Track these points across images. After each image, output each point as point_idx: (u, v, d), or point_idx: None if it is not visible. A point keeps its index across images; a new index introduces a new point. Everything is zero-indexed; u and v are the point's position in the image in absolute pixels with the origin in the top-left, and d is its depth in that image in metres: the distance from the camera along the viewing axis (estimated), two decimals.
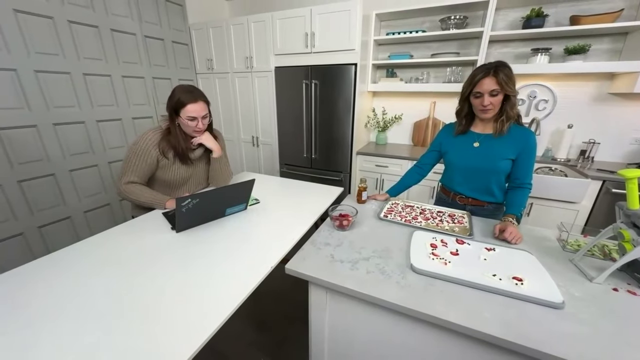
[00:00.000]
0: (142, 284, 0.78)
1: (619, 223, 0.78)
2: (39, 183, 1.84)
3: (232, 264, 0.87)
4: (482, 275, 0.77)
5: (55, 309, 0.69)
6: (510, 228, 0.98)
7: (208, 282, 0.79)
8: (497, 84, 1.02)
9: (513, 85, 1.04)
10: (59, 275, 0.81)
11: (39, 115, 1.78)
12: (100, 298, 0.73)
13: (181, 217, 0.99)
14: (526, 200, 1.08)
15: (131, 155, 1.20)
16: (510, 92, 1.03)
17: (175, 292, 0.75)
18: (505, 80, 1.02)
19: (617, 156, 2.05)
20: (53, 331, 0.63)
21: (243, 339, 1.48)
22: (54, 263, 0.87)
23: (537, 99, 2.17)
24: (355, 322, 0.84)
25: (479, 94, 1.07)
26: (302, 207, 1.31)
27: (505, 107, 1.07)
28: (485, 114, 1.09)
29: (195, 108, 1.19)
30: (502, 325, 0.64)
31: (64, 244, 0.97)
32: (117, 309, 0.69)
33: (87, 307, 0.70)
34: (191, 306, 0.70)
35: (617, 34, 1.86)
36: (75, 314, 0.67)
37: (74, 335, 0.62)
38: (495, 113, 1.09)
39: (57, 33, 1.81)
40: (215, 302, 0.72)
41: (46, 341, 0.60)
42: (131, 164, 1.20)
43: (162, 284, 0.78)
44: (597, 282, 0.77)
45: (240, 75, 2.69)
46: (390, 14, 2.28)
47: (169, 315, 0.67)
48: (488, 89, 1.04)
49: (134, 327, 0.64)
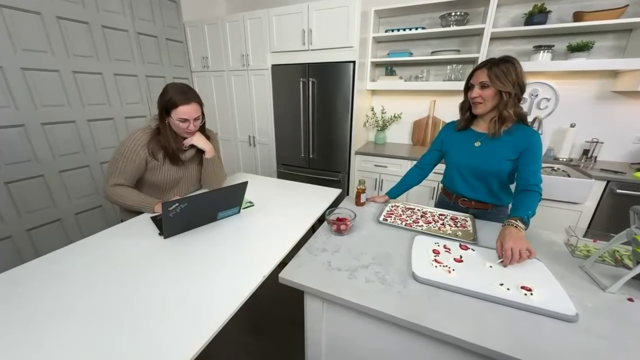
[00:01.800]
0: (128, 293, 0.73)
1: (633, 228, 0.74)
2: (28, 184, 1.78)
3: (224, 271, 0.82)
4: (489, 285, 0.73)
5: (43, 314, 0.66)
6: (509, 243, 0.80)
7: (198, 290, 0.74)
8: (487, 76, 0.98)
9: (509, 82, 0.97)
10: (46, 280, 0.77)
11: (27, 115, 1.72)
12: (84, 306, 0.67)
13: (168, 223, 0.94)
14: (535, 205, 0.97)
15: (118, 156, 1.14)
16: (501, 87, 0.97)
17: (163, 301, 0.70)
18: (497, 74, 0.97)
19: (621, 156, 2.01)
20: (42, 336, 0.58)
21: (239, 344, 1.43)
22: (43, 266, 0.83)
23: (539, 98, 2.13)
24: (354, 334, 0.79)
25: (471, 85, 1.05)
26: (299, 210, 1.25)
27: (499, 106, 1.01)
28: (475, 108, 1.06)
29: (188, 110, 1.14)
30: (512, 341, 0.59)
31: (54, 247, 0.92)
32: (101, 319, 0.64)
33: (73, 313, 0.66)
34: (181, 316, 0.66)
35: (621, 31, 1.82)
36: (63, 319, 0.63)
37: (64, 339, 0.57)
38: (488, 109, 1.04)
39: (45, 29, 1.75)
40: (207, 311, 0.67)
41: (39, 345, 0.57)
42: (118, 165, 1.14)
43: (149, 293, 0.73)
44: (611, 292, 0.72)
45: (236, 74, 2.63)
46: (390, 11, 2.23)
47: (158, 325, 0.63)
48: (477, 81, 1.02)
49: (120, 339, 0.59)
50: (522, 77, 0.98)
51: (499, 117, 1.02)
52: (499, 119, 1.02)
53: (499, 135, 1.04)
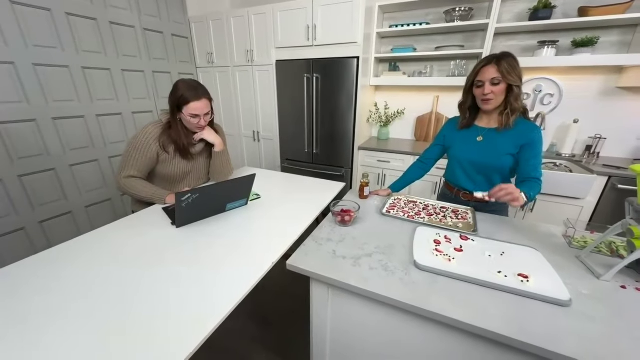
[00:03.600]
0: (143, 279, 0.77)
1: (628, 219, 0.76)
2: (40, 178, 1.83)
3: (233, 259, 0.86)
4: (487, 272, 0.76)
5: (56, 304, 0.68)
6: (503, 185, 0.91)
7: (209, 277, 0.78)
8: (499, 72, 1.00)
9: (517, 76, 1.01)
10: (60, 270, 0.80)
11: (38, 109, 1.77)
12: (101, 293, 0.72)
13: (181, 212, 0.98)
14: (536, 191, 1.01)
15: (131, 149, 1.18)
16: (513, 82, 1.00)
17: (176, 287, 0.74)
18: (507, 69, 0.99)
19: (624, 152, 2.02)
20: (54, 326, 0.62)
21: (246, 335, 1.48)
22: (54, 258, 0.86)
23: (543, 93, 2.13)
24: (358, 319, 0.83)
25: (480, 82, 1.06)
26: (304, 202, 1.29)
27: (509, 99, 1.04)
28: (486, 105, 1.07)
29: (199, 106, 1.17)
30: (508, 323, 0.62)
31: (66, 238, 0.96)
32: (117, 302, 0.68)
33: (88, 301, 0.69)
34: (193, 301, 0.70)
35: (626, 26, 1.81)
36: (77, 309, 0.67)
37: (77, 331, 0.61)
38: (498, 104, 1.07)
39: (55, 26, 1.79)
40: (218, 297, 0.71)
41: (49, 336, 0.60)
42: (131, 158, 1.18)
43: (164, 279, 0.77)
44: (605, 280, 0.75)
45: (241, 69, 2.65)
46: (394, 6, 2.24)
47: (170, 310, 0.67)
48: (489, 77, 1.02)
49: (136, 321, 0.63)
50: (521, 70, 1.03)
51: (511, 110, 1.05)
52: (511, 111, 1.05)
53: (510, 126, 1.07)
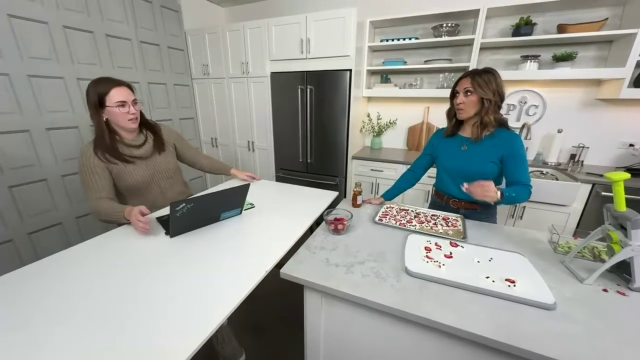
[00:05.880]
0: (136, 289, 0.77)
1: (607, 225, 0.80)
2: (30, 188, 1.81)
3: (227, 268, 0.87)
4: (476, 278, 0.78)
5: (49, 315, 0.68)
6: (480, 182, 0.99)
7: (202, 286, 0.79)
8: (472, 84, 1.08)
9: (490, 91, 1.06)
10: (50, 281, 0.80)
11: (32, 120, 1.77)
12: (94, 303, 0.72)
13: (175, 222, 0.98)
14: (521, 194, 1.05)
15: (83, 177, 1.13)
16: (483, 95, 1.07)
17: (169, 297, 0.74)
18: (480, 83, 1.06)
19: (606, 160, 2.10)
20: (49, 336, 0.62)
21: (240, 342, 1.45)
22: (44, 269, 0.86)
23: (528, 105, 2.22)
24: (351, 326, 0.84)
25: (456, 92, 1.15)
26: (297, 211, 1.31)
27: (481, 112, 1.10)
28: (460, 113, 1.16)
29: (121, 91, 1.10)
30: (496, 327, 0.64)
31: (55, 250, 0.95)
32: (110, 313, 0.68)
33: (82, 312, 0.69)
34: (185, 310, 0.70)
35: (602, 42, 1.92)
36: (70, 320, 0.66)
37: (72, 340, 0.61)
38: (470, 115, 1.13)
39: (51, 38, 1.81)
40: (211, 305, 0.72)
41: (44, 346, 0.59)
42: (87, 183, 1.13)
43: (157, 289, 0.77)
44: (588, 283, 0.78)
45: (236, 81, 2.70)
46: (384, 22, 2.33)
47: (161, 319, 0.67)
48: (461, 88, 1.11)
49: (129, 331, 0.63)
50: (501, 87, 1.08)
51: (480, 122, 1.11)
52: (480, 124, 1.12)
53: (480, 139, 1.13)
